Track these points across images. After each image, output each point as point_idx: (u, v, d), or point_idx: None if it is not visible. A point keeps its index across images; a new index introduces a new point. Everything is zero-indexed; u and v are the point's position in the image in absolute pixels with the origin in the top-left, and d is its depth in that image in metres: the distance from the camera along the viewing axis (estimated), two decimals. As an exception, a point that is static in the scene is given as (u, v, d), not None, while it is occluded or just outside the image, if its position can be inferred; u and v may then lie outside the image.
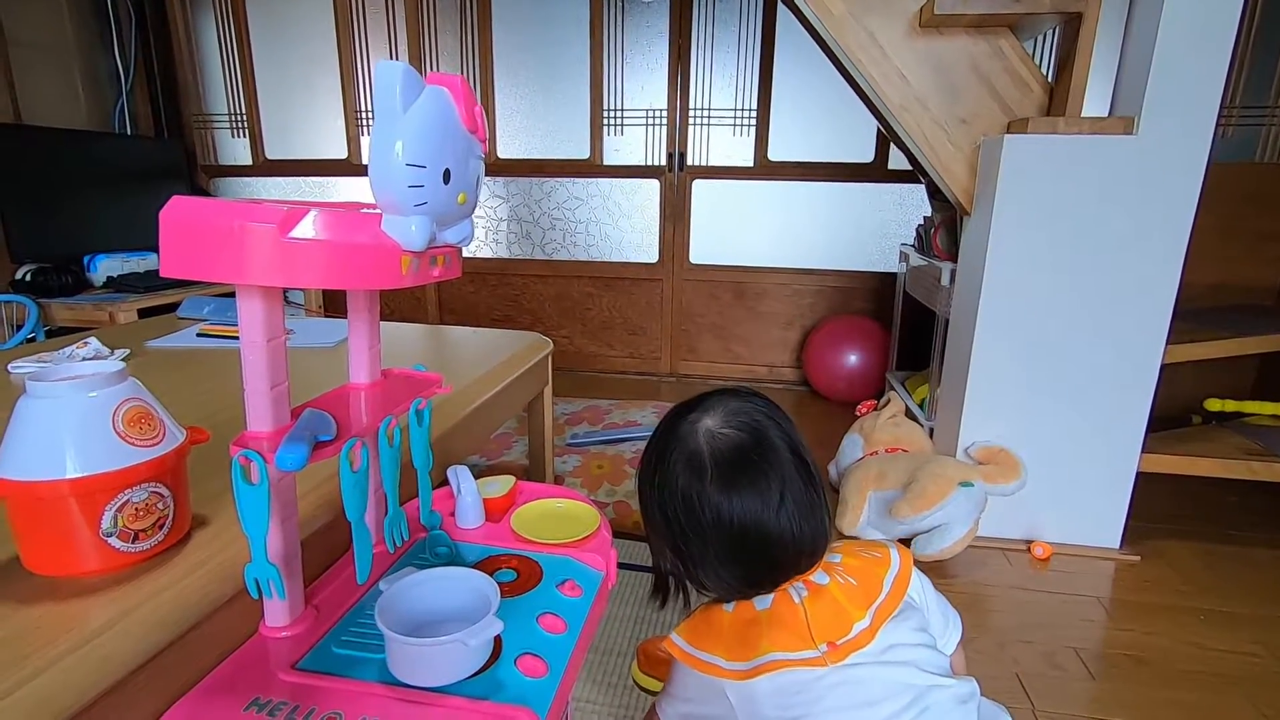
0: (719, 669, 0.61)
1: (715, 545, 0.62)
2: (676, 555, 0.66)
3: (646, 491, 0.67)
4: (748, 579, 0.64)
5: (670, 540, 0.65)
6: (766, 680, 0.58)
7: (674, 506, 0.64)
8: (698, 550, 0.63)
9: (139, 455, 0.53)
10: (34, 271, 2.25)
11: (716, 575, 0.64)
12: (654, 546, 0.69)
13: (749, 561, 0.63)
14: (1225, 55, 1.39)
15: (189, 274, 0.44)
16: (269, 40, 3.12)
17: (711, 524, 0.62)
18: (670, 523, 0.64)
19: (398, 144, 0.45)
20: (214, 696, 0.51)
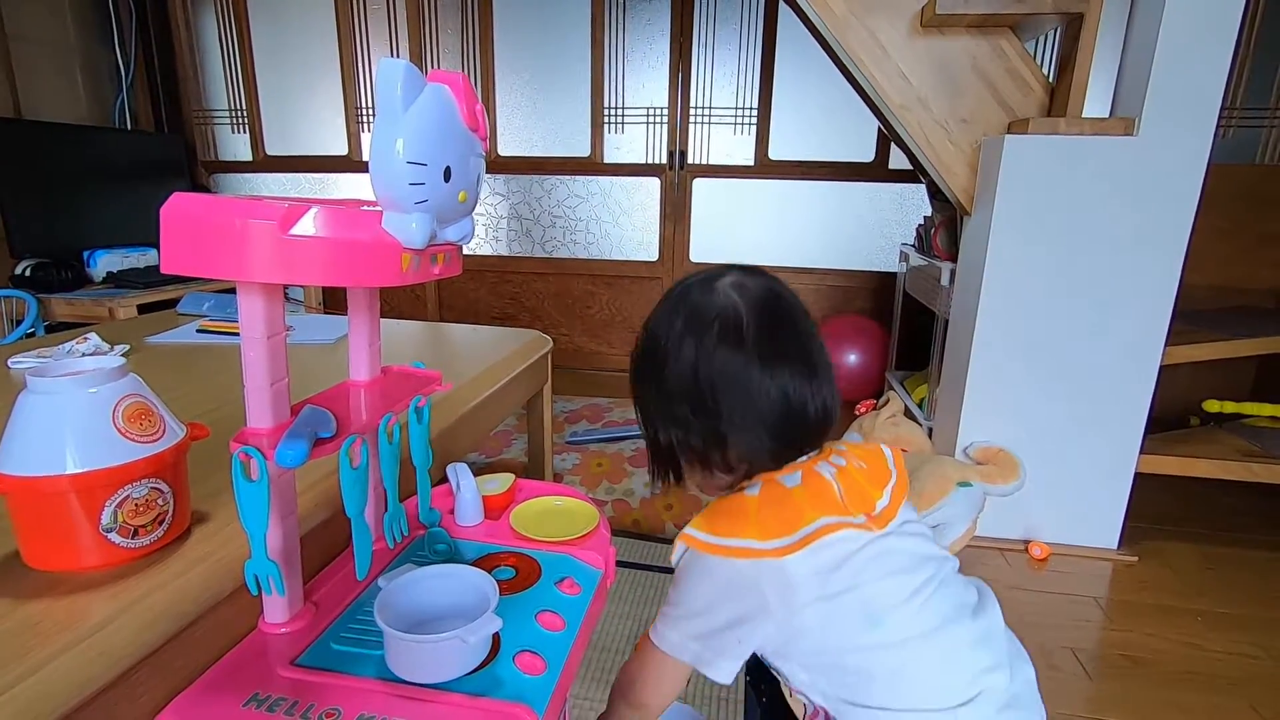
0: (753, 551, 0.56)
1: (750, 413, 0.59)
2: (700, 430, 0.60)
3: (663, 363, 0.61)
4: (778, 452, 0.61)
5: (692, 414, 0.60)
6: (809, 555, 0.56)
7: (704, 374, 0.59)
8: (733, 420, 0.59)
9: (139, 451, 0.53)
10: (34, 266, 2.25)
11: (748, 448, 0.60)
12: (662, 423, 0.63)
13: (786, 429, 0.60)
14: (1226, 56, 1.39)
15: (190, 270, 0.44)
16: (270, 36, 3.12)
17: (750, 389, 0.58)
18: (696, 394, 0.59)
19: (399, 141, 0.45)
20: (213, 692, 0.51)
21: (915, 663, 0.57)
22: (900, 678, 0.57)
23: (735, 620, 0.58)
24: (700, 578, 0.60)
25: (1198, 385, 2.00)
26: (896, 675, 0.57)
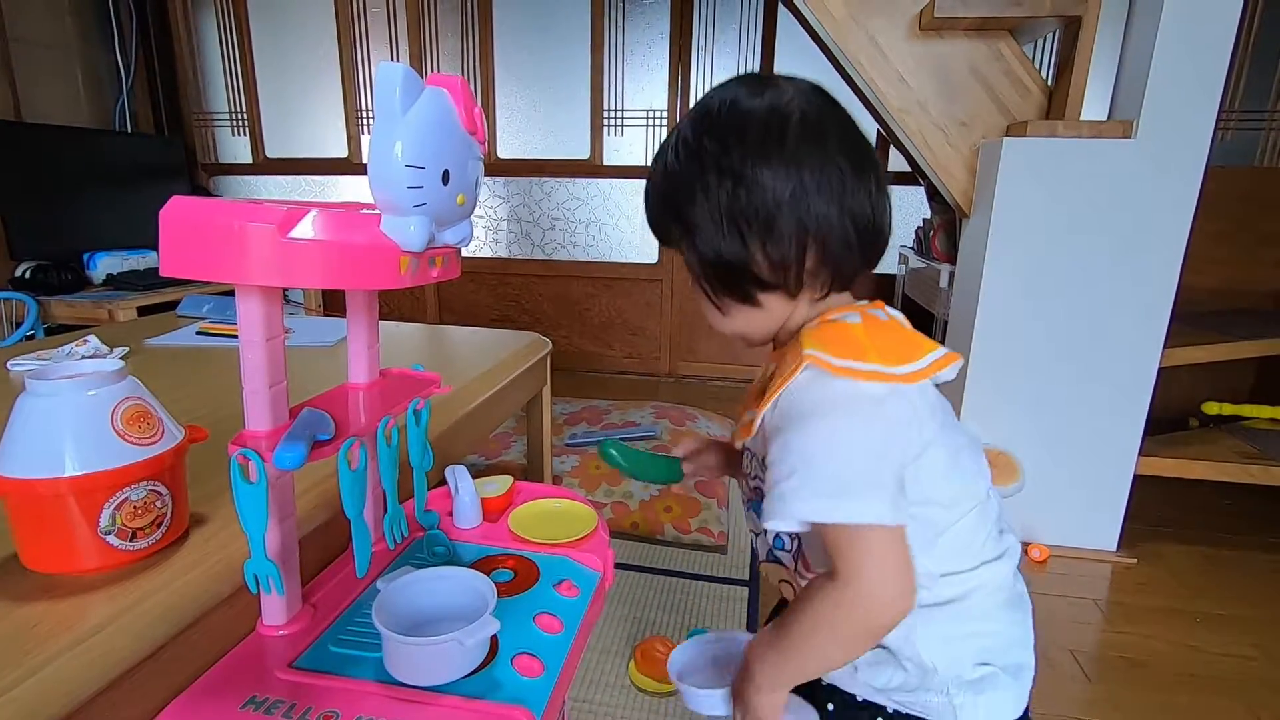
0: (884, 375, 0.50)
1: (839, 217, 0.53)
2: (784, 237, 0.53)
3: (736, 168, 0.53)
4: (859, 266, 0.56)
5: (775, 220, 0.53)
6: (926, 389, 0.54)
7: (789, 172, 0.52)
8: (821, 225, 0.53)
9: (137, 454, 0.53)
10: (34, 269, 2.26)
11: (835, 258, 0.54)
12: (729, 238, 0.54)
13: (866, 239, 0.55)
14: (1224, 59, 1.40)
15: (189, 273, 0.44)
16: (270, 39, 3.12)
17: (842, 191, 0.53)
18: (786, 196, 0.52)
19: (397, 145, 0.45)
20: (211, 695, 0.51)
21: (963, 521, 0.57)
22: (947, 535, 0.56)
23: (895, 455, 0.51)
24: (846, 409, 0.51)
25: (1197, 387, 2.01)
26: (943, 534, 0.56)
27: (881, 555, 0.49)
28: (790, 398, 0.52)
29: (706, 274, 0.57)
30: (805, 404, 0.52)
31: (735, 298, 0.57)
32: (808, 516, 0.49)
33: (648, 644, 1.20)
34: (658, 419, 2.19)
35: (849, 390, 0.51)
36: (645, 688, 1.15)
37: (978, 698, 0.56)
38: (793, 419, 0.52)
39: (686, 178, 0.55)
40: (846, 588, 0.49)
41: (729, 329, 0.61)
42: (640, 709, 1.12)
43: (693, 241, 0.56)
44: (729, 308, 0.58)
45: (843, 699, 0.61)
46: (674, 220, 0.57)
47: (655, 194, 0.59)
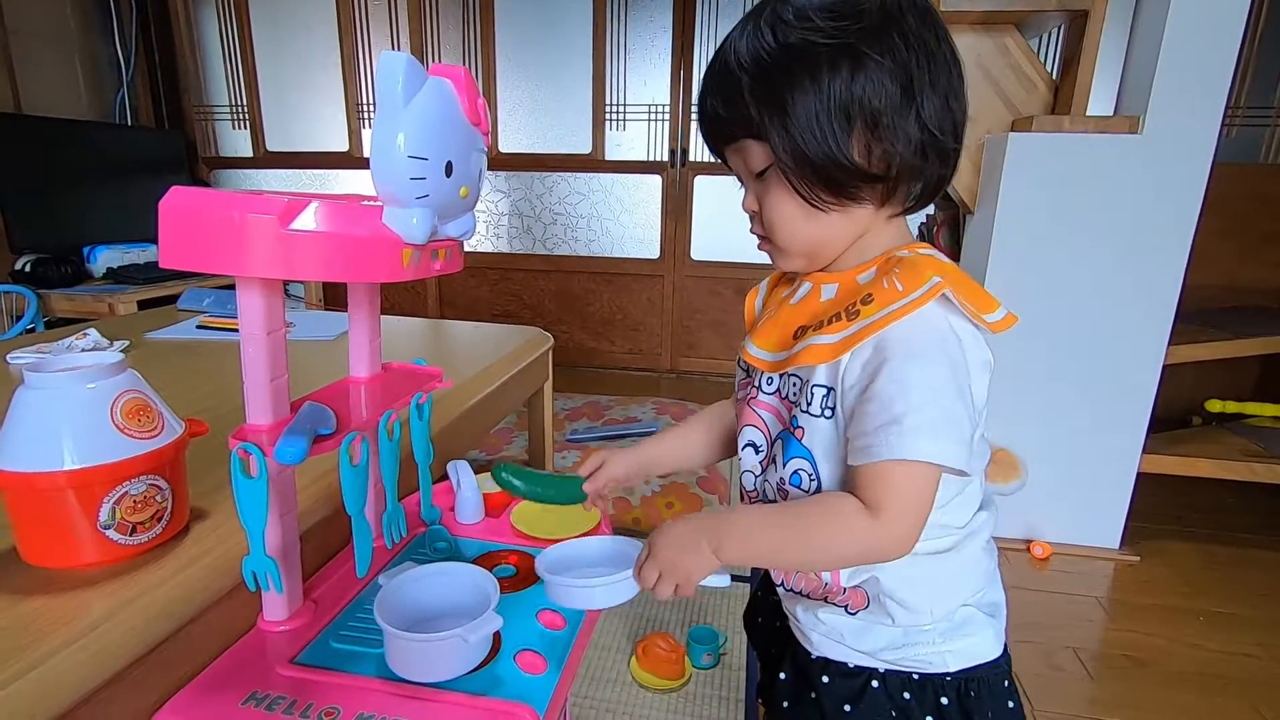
0: (987, 322, 0.52)
1: (935, 124, 0.51)
2: (893, 133, 0.50)
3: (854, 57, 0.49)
4: (936, 180, 0.54)
5: (889, 114, 0.50)
6: (987, 341, 0.53)
7: (908, 73, 0.50)
8: (928, 128, 0.51)
9: (137, 447, 0.53)
10: (33, 262, 2.25)
11: (926, 169, 0.52)
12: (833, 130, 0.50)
13: (953, 153, 0.54)
14: (1232, 55, 1.39)
15: (188, 265, 0.43)
16: (271, 31, 3.11)
17: (941, 96, 0.51)
18: (899, 92, 0.49)
19: (400, 136, 0.44)
20: (212, 690, 0.50)
21: (977, 477, 0.58)
22: (966, 491, 0.58)
23: (978, 396, 0.52)
24: (964, 351, 0.51)
25: (1200, 385, 2.00)
26: (964, 489, 0.57)
27: (927, 500, 0.50)
28: (917, 324, 0.50)
29: (802, 167, 0.52)
30: (933, 334, 0.50)
31: (831, 193, 0.52)
32: (923, 456, 0.48)
33: (649, 640, 1.20)
34: (659, 415, 2.19)
35: (964, 331, 0.51)
36: (647, 684, 1.15)
37: (963, 640, 0.57)
38: (918, 348, 0.50)
39: (791, 57, 0.50)
40: (882, 520, 0.49)
41: (807, 236, 0.56)
42: (642, 705, 1.12)
43: (790, 130, 0.50)
44: (824, 206, 0.53)
45: (835, 668, 0.61)
46: (768, 107, 0.51)
47: (736, 78, 0.52)
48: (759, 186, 0.56)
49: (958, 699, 0.57)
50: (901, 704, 0.58)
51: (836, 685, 0.61)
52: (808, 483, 0.56)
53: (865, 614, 0.58)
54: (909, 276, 0.51)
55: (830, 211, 0.53)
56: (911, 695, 0.58)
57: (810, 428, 0.55)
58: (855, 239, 0.56)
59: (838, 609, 0.60)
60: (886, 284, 0.52)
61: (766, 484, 0.60)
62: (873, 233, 0.56)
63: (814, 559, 0.55)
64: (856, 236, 0.56)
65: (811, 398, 0.55)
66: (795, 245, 0.57)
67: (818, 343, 0.53)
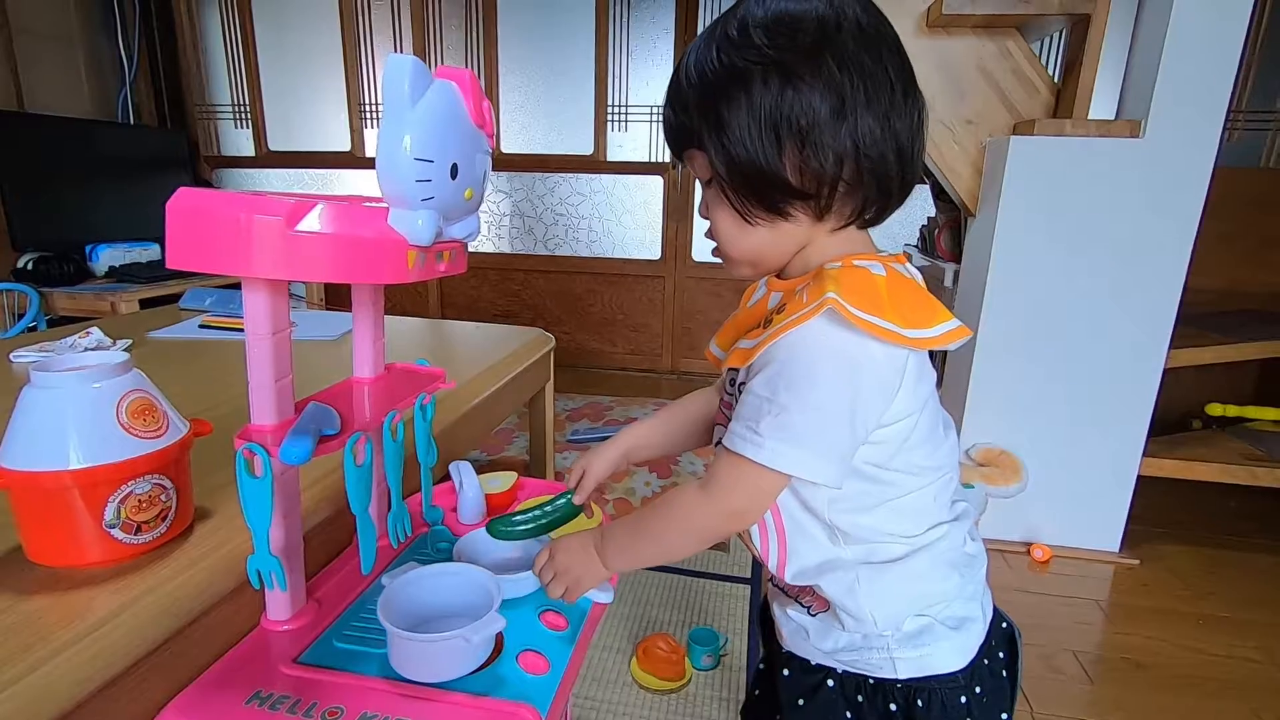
0: (900, 337, 0.50)
1: (885, 138, 0.52)
2: (824, 150, 0.51)
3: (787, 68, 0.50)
4: (876, 199, 0.55)
5: (819, 131, 0.51)
6: (924, 355, 0.54)
7: (842, 90, 0.50)
8: (861, 146, 0.51)
9: (142, 447, 0.53)
10: (36, 260, 2.25)
11: (873, 181, 0.53)
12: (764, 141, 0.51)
13: (906, 169, 0.54)
14: (1234, 59, 1.39)
15: (195, 266, 0.44)
16: (273, 31, 3.11)
17: (890, 108, 0.52)
18: (830, 110, 0.50)
19: (406, 138, 0.45)
20: (215, 689, 0.51)
21: (925, 490, 0.58)
22: (905, 500, 0.58)
23: (867, 411, 0.52)
24: (851, 365, 0.51)
25: (1201, 388, 2.00)
26: (901, 498, 0.58)
27: (763, 491, 0.54)
28: (801, 336, 0.51)
29: (735, 179, 0.54)
30: (815, 348, 0.51)
31: (763, 207, 0.54)
32: (768, 461, 0.50)
33: (649, 641, 1.20)
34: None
35: (857, 346, 0.51)
36: (647, 685, 1.15)
37: (916, 650, 0.58)
38: (797, 359, 0.51)
39: (728, 74, 0.52)
40: (710, 491, 0.54)
41: (744, 247, 0.57)
42: (642, 706, 1.12)
43: (724, 143, 0.53)
44: (755, 219, 0.55)
45: (798, 664, 0.63)
46: (706, 120, 0.53)
47: (685, 91, 0.55)
48: (709, 194, 0.58)
49: (905, 706, 0.59)
50: (854, 705, 0.60)
51: (795, 680, 0.63)
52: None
53: (825, 616, 0.60)
54: (815, 290, 0.52)
55: (759, 225, 0.55)
56: (864, 698, 0.60)
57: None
58: (796, 250, 0.57)
59: (802, 609, 0.62)
60: (800, 295, 0.53)
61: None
62: (816, 245, 0.57)
63: (672, 544, 0.58)
64: (797, 248, 0.57)
65: (737, 394, 0.58)
66: (736, 254, 0.59)
67: (741, 347, 0.57)
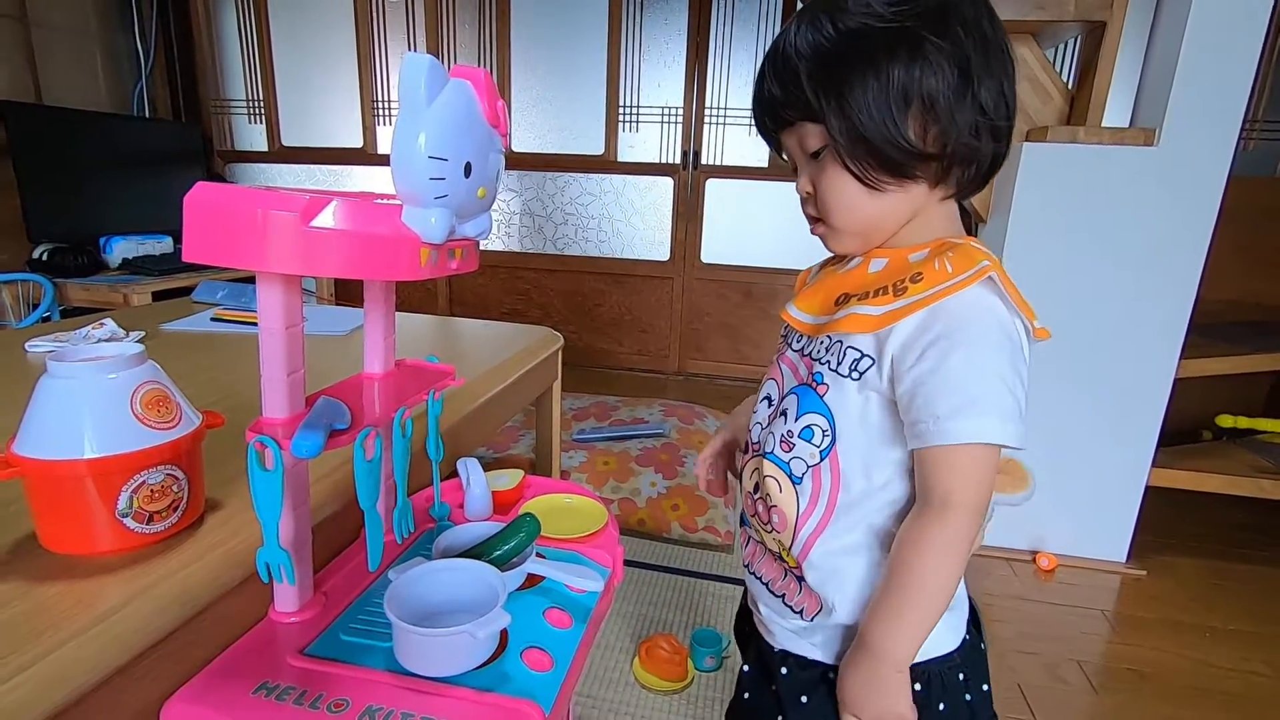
0: (1034, 317, 0.53)
1: (990, 108, 0.53)
2: (949, 117, 0.51)
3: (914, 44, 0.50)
4: (989, 164, 0.56)
5: (946, 98, 0.51)
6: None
7: (966, 59, 0.51)
8: (984, 112, 0.52)
9: (156, 438, 0.54)
10: (51, 251, 2.27)
11: (979, 153, 0.54)
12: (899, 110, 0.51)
13: (1006, 137, 0.55)
14: (1250, 68, 1.38)
15: (211, 259, 0.44)
16: (288, 27, 3.13)
17: (995, 82, 0.53)
18: (957, 77, 0.51)
19: (421, 136, 0.45)
20: (223, 679, 0.51)
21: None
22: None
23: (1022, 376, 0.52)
24: (1015, 336, 0.52)
25: (1211, 399, 1.99)
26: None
27: (990, 480, 0.52)
28: (961, 301, 0.51)
29: (858, 149, 0.53)
30: (982, 312, 0.52)
31: (888, 172, 0.54)
32: (994, 438, 0.50)
33: (652, 642, 1.20)
34: (666, 416, 2.19)
35: (1008, 317, 0.52)
36: (649, 685, 1.16)
37: None
38: (965, 327, 0.51)
39: (850, 43, 0.52)
40: (957, 514, 0.51)
41: (863, 216, 0.57)
42: (644, 705, 1.12)
43: (847, 112, 0.52)
44: (883, 185, 0.54)
45: (794, 660, 0.62)
46: (826, 90, 0.53)
47: (795, 63, 0.54)
48: (814, 168, 0.57)
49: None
50: None
51: (794, 678, 0.62)
52: (820, 438, 0.57)
53: (820, 617, 0.60)
54: (960, 260, 0.53)
55: (886, 190, 0.55)
56: None
57: (836, 386, 0.56)
58: (908, 219, 0.57)
59: (794, 613, 0.62)
60: (938, 265, 0.53)
61: (770, 435, 0.61)
62: (926, 213, 0.57)
63: (949, 584, 0.53)
64: (910, 216, 0.57)
65: (843, 358, 0.56)
66: (850, 224, 0.58)
67: (860, 312, 0.54)
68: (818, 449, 0.57)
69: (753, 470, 0.63)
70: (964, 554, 0.53)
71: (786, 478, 0.59)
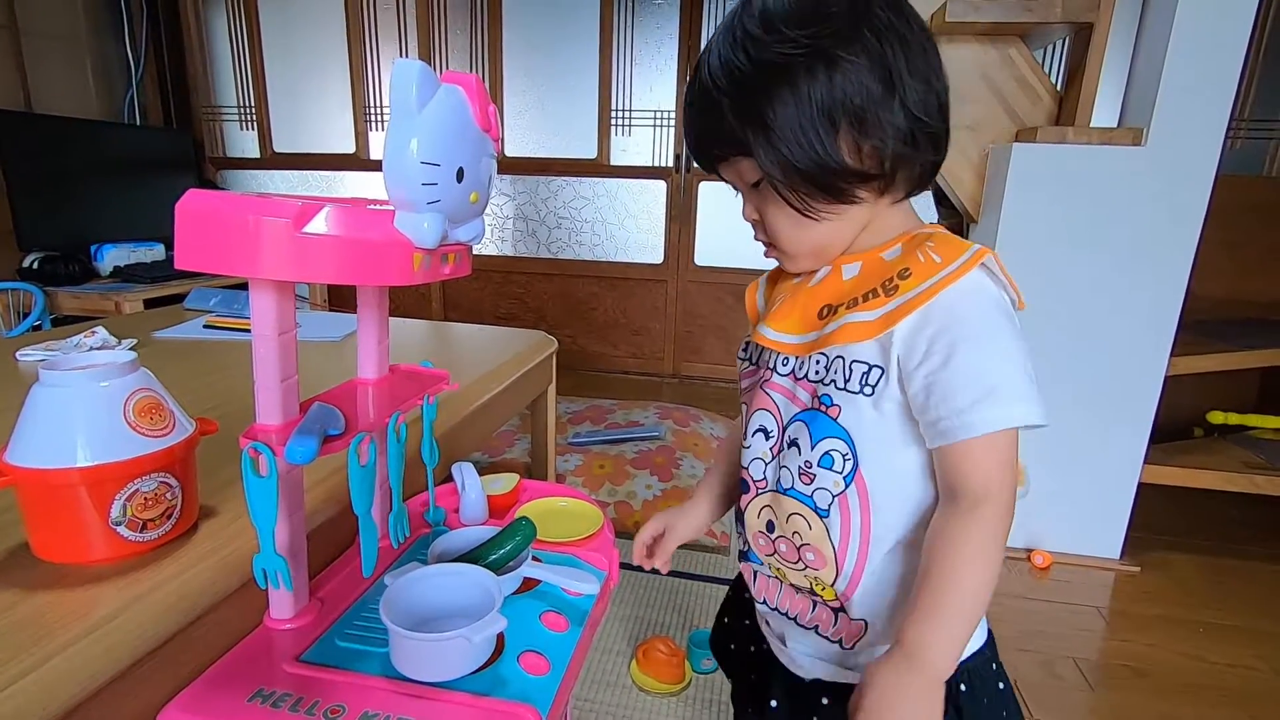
0: (1022, 302, 0.53)
1: (921, 109, 0.52)
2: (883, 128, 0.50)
3: (831, 59, 0.49)
4: (932, 160, 0.55)
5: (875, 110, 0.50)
6: None
7: (888, 64, 0.50)
8: (917, 114, 0.51)
9: (149, 445, 0.53)
10: (41, 259, 2.26)
11: (920, 153, 0.53)
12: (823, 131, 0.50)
13: (944, 131, 0.55)
14: (1236, 67, 1.39)
15: (203, 266, 0.44)
16: (279, 33, 3.13)
17: (936, 79, 0.52)
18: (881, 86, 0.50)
19: (413, 141, 0.45)
20: (218, 686, 0.51)
21: None
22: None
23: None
24: (1005, 311, 0.52)
25: (1202, 396, 2.00)
26: None
27: (1014, 463, 0.51)
28: (961, 291, 0.50)
29: (791, 178, 0.52)
30: (983, 298, 0.51)
31: (827, 198, 0.52)
32: (1019, 420, 0.49)
33: (649, 644, 1.20)
34: (661, 419, 2.19)
35: (1005, 300, 0.52)
36: (647, 687, 1.15)
37: None
38: (968, 315, 0.50)
39: (766, 72, 0.50)
40: (991, 508, 0.49)
41: (809, 242, 0.56)
42: (641, 708, 1.12)
43: (774, 144, 0.51)
44: (819, 214, 0.53)
45: (833, 690, 0.60)
46: (750, 124, 0.51)
47: (716, 99, 0.53)
48: (756, 197, 0.57)
49: (953, 695, 0.56)
50: None
51: (836, 705, 0.59)
52: (841, 464, 0.54)
53: (861, 642, 0.58)
54: (945, 248, 0.52)
55: (824, 219, 0.54)
56: None
57: (849, 405, 0.53)
58: (863, 228, 0.56)
59: (830, 641, 0.60)
60: (922, 257, 0.52)
61: (784, 471, 0.57)
62: (880, 218, 0.56)
63: (984, 589, 0.51)
64: (864, 226, 0.56)
65: (850, 374, 0.53)
66: (801, 249, 0.57)
67: (856, 320, 0.52)
68: (840, 475, 0.54)
69: (761, 508, 0.61)
70: (1002, 547, 0.51)
71: (813, 512, 0.56)
